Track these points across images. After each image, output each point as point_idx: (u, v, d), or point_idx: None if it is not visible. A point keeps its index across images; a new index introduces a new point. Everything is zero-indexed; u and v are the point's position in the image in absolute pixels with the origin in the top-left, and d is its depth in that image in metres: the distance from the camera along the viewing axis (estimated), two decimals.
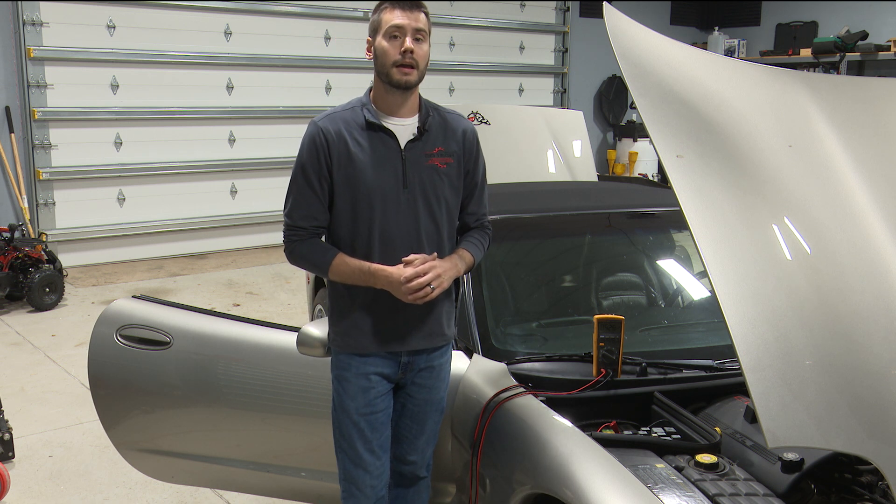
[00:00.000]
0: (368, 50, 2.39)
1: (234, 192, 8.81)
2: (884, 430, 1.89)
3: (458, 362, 2.68)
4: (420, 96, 2.44)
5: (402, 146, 2.37)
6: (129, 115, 8.03)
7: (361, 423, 2.44)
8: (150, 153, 8.20)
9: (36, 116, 7.49)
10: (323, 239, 2.47)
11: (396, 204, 2.37)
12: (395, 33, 2.30)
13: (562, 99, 11.64)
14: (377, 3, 2.38)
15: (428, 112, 2.42)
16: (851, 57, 10.58)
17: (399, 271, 2.30)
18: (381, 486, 2.50)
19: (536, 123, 4.39)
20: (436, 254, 2.37)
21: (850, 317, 1.99)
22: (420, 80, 2.36)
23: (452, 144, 2.43)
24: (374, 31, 2.36)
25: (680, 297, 3.35)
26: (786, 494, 2.08)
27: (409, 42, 2.29)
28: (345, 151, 2.35)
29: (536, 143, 4.33)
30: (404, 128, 2.39)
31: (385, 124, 2.37)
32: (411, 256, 2.33)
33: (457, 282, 2.87)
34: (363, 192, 2.35)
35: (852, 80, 2.64)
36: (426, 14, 2.36)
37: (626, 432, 2.40)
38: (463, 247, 2.49)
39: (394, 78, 2.32)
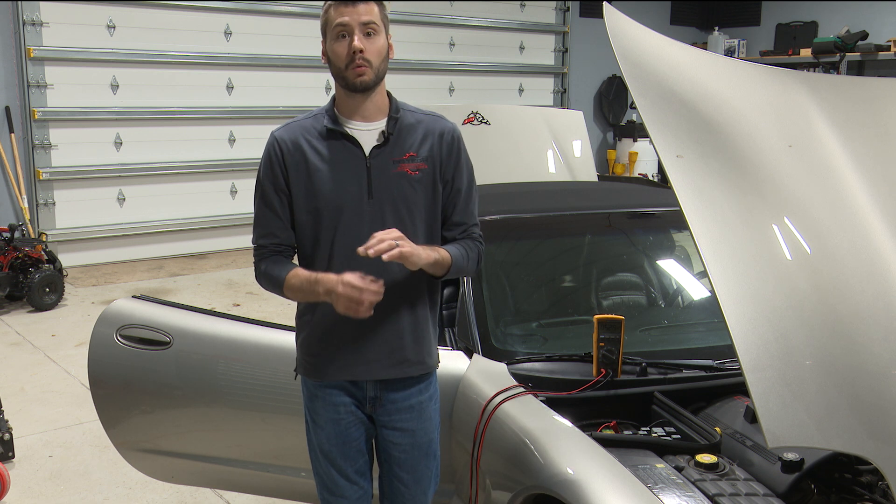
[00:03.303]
0: (322, 54, 2.20)
1: (234, 192, 8.81)
2: (884, 430, 1.89)
3: (458, 362, 2.68)
4: (391, 96, 2.24)
5: (367, 153, 2.17)
6: (129, 115, 8.03)
7: (334, 453, 2.29)
8: (150, 153, 8.20)
9: (36, 116, 7.49)
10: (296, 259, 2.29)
11: (359, 216, 2.16)
12: (342, 32, 2.11)
13: (562, 99, 11.64)
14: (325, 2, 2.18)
15: (397, 114, 2.20)
16: (851, 57, 10.58)
17: (338, 279, 2.06)
18: None
19: (536, 123, 4.39)
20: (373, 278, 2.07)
21: (850, 317, 1.99)
22: (379, 78, 2.15)
23: (426, 149, 2.20)
24: (323, 33, 2.18)
25: (680, 297, 3.35)
26: (786, 494, 2.08)
27: (357, 41, 2.09)
28: (301, 162, 2.17)
29: (536, 143, 4.33)
30: (370, 132, 2.18)
31: (348, 130, 2.17)
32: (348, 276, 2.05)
33: (456, 282, 2.86)
34: (323, 204, 2.16)
35: (852, 80, 2.64)
36: (378, 5, 2.14)
37: (626, 432, 2.40)
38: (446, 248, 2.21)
39: (349, 81, 2.13)
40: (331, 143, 2.19)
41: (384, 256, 2.00)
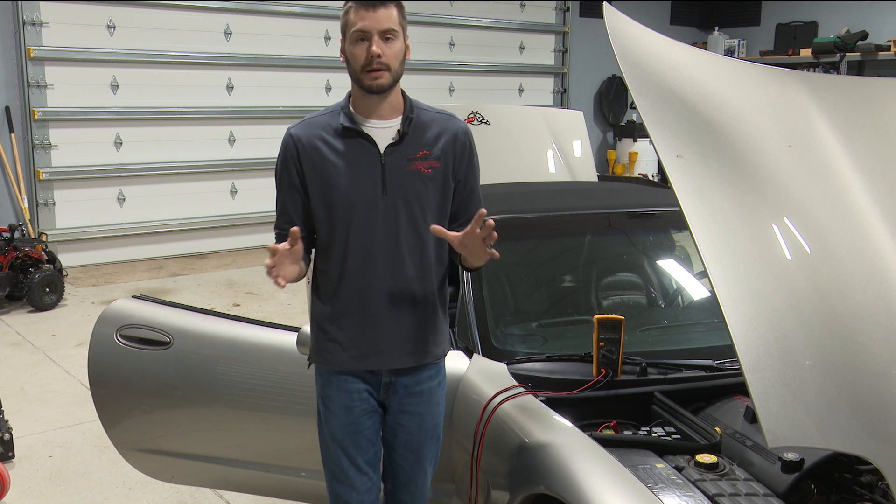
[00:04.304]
0: (341, 52, 2.26)
1: (234, 192, 8.81)
2: (884, 430, 1.89)
3: (458, 362, 2.68)
4: (405, 96, 2.30)
5: (382, 150, 2.24)
6: (129, 115, 8.03)
7: (346, 440, 2.34)
8: (150, 153, 8.20)
9: (36, 116, 7.49)
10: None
11: (373, 211, 2.24)
12: (361, 36, 2.16)
13: (562, 99, 11.64)
14: (344, 1, 2.23)
15: (411, 112, 2.27)
16: (851, 57, 10.58)
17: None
18: (371, 502, 2.42)
19: (536, 123, 4.39)
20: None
21: (850, 317, 1.99)
22: (395, 80, 2.22)
23: (439, 147, 2.27)
24: (343, 33, 2.23)
25: (680, 297, 3.35)
26: (786, 494, 2.08)
27: (375, 46, 2.15)
28: (318, 158, 2.24)
29: (536, 143, 4.33)
30: (385, 131, 2.25)
31: (363, 128, 2.24)
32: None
33: (456, 282, 2.87)
34: (338, 199, 2.24)
35: (852, 80, 2.64)
36: (398, 7, 2.20)
37: (626, 432, 2.40)
38: None
39: (364, 83, 2.20)
40: (347, 140, 2.25)
41: (477, 259, 2.22)
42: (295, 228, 2.12)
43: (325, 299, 2.33)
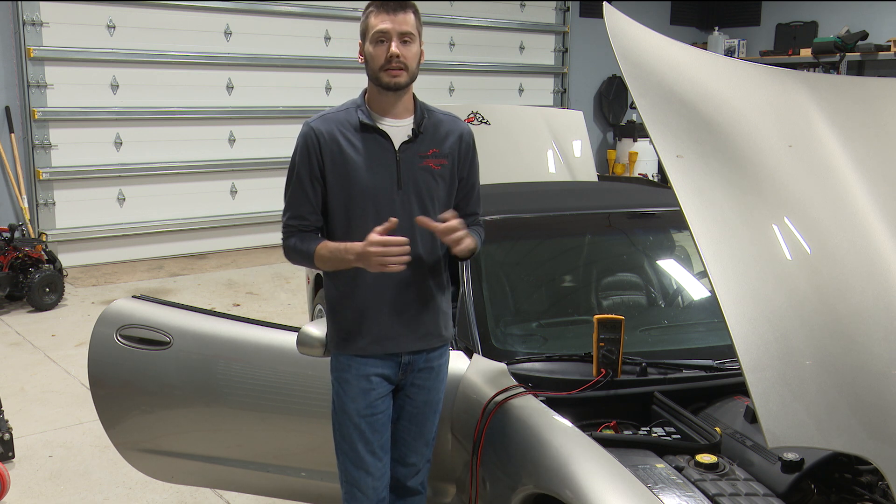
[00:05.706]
0: (360, 53, 2.39)
1: (234, 192, 8.81)
2: (884, 430, 1.89)
3: (458, 362, 2.68)
4: (415, 97, 2.43)
5: (397, 147, 2.37)
6: (129, 115, 8.03)
7: (362, 424, 2.43)
8: (150, 153, 8.20)
9: (36, 116, 7.49)
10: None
11: (390, 204, 2.36)
12: (381, 38, 2.30)
13: (562, 99, 11.64)
14: (366, 3, 2.36)
15: (423, 113, 2.41)
16: (851, 57, 10.58)
17: (365, 242, 2.24)
18: (383, 488, 2.49)
19: (536, 123, 4.39)
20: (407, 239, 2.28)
21: (850, 317, 1.99)
22: (412, 80, 2.35)
23: (448, 146, 2.42)
24: (362, 35, 2.37)
25: (680, 297, 3.35)
26: (786, 494, 2.08)
27: (394, 47, 2.28)
28: (338, 152, 2.35)
29: (536, 143, 4.32)
30: (399, 129, 2.38)
31: (379, 125, 2.37)
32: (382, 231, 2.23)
33: (456, 282, 2.88)
34: (357, 192, 2.36)
35: (852, 80, 2.64)
36: (415, 12, 2.34)
37: (626, 432, 2.40)
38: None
39: (383, 81, 2.32)
40: (364, 136, 2.37)
41: (456, 248, 2.30)
42: (394, 220, 2.23)
43: (340, 288, 2.43)
